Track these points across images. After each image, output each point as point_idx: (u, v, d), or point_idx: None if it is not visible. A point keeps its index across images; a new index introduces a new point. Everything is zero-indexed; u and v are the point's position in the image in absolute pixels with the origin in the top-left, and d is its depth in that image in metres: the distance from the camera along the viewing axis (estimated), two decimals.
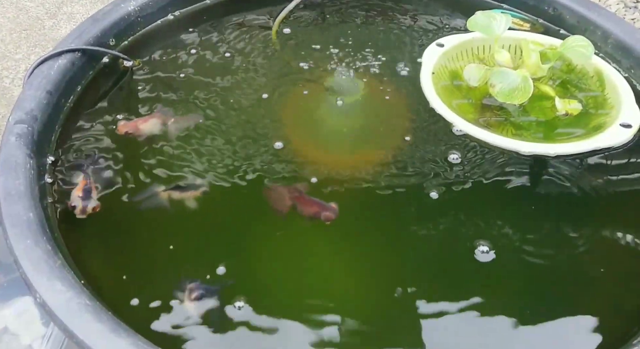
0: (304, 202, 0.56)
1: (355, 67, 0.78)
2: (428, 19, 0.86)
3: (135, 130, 0.66)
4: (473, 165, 0.65)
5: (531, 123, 0.71)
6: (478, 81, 0.74)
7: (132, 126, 0.67)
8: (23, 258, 0.49)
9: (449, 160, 0.66)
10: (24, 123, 0.61)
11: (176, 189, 0.60)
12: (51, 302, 0.47)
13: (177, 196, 0.59)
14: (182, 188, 0.60)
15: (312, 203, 0.56)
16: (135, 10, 0.80)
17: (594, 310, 0.53)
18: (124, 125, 0.67)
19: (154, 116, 0.69)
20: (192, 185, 0.61)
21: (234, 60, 0.79)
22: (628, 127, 0.68)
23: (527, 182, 0.64)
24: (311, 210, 0.55)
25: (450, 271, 0.56)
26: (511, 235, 0.58)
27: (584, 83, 0.75)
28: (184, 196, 0.59)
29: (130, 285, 0.53)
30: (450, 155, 0.66)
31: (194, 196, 0.59)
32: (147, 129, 0.66)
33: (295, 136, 0.69)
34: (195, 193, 0.60)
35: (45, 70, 0.68)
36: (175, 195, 0.59)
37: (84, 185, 0.59)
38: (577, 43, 0.73)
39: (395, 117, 0.72)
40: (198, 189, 0.61)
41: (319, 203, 0.56)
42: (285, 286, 0.54)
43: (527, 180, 0.64)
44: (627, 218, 0.61)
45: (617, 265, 0.57)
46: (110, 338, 0.45)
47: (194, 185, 0.61)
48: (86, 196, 0.58)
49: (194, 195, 0.60)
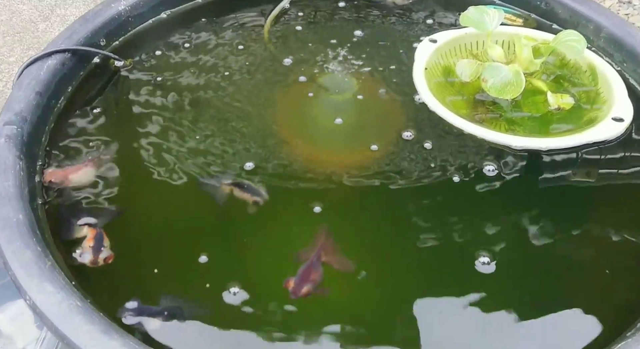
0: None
1: (348, 64, 0.78)
2: (421, 15, 0.86)
3: (64, 180, 0.59)
4: (465, 160, 0.65)
5: (524, 118, 0.71)
6: (470, 76, 0.74)
7: (60, 175, 0.60)
8: (13, 261, 0.49)
9: (441, 155, 0.65)
10: (13, 125, 0.60)
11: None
12: (42, 304, 0.46)
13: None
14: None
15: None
16: (126, 10, 0.80)
17: (587, 303, 0.52)
18: (50, 173, 0.60)
19: (87, 164, 0.62)
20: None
21: (226, 59, 0.79)
22: (620, 120, 0.68)
23: (518, 177, 0.63)
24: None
25: (449, 268, 0.56)
26: (504, 228, 0.58)
27: (577, 78, 0.75)
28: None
29: (123, 286, 0.53)
30: (442, 150, 0.66)
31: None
32: (76, 180, 0.59)
33: (288, 134, 0.69)
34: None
35: (34, 71, 0.67)
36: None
37: (95, 234, 0.55)
38: (570, 37, 0.73)
39: (388, 114, 0.72)
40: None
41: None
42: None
43: (519, 175, 0.64)
44: (620, 211, 0.61)
45: (611, 259, 0.57)
46: (101, 339, 0.44)
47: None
48: (98, 247, 0.54)
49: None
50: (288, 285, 0.51)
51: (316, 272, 0.52)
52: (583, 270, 0.56)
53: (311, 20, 0.86)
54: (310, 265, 0.52)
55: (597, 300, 0.53)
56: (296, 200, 0.61)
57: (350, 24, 0.85)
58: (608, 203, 0.62)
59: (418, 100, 0.72)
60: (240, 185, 0.61)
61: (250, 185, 0.61)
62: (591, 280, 0.55)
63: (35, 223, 0.54)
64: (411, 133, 0.68)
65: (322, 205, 0.60)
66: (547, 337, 0.50)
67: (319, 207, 0.59)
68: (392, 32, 0.83)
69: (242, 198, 0.60)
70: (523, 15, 0.85)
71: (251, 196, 0.60)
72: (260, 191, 0.61)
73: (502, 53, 0.76)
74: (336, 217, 0.59)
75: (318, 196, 0.61)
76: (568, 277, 0.55)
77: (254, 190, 0.61)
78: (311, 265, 0.52)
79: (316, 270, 0.52)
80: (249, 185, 0.61)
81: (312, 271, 0.52)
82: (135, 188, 0.62)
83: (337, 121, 0.71)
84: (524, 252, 0.57)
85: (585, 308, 0.52)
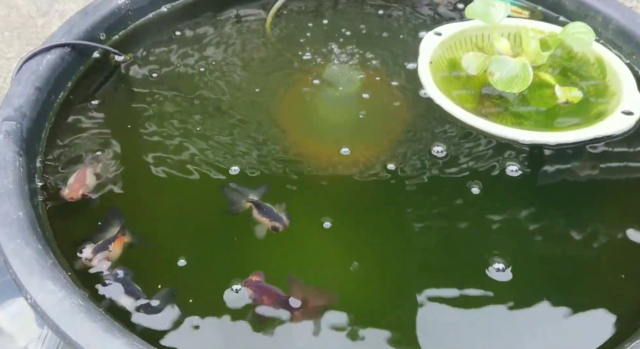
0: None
1: (351, 58, 0.77)
2: (425, 8, 0.85)
3: (83, 189, 0.58)
4: (472, 156, 0.64)
5: (531, 112, 0.70)
6: (477, 69, 0.72)
7: (77, 187, 0.58)
8: (13, 258, 0.48)
9: (448, 150, 0.64)
10: (12, 121, 0.59)
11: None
12: (43, 303, 0.45)
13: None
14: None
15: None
16: (126, 3, 0.78)
17: (598, 301, 0.51)
18: (69, 192, 0.58)
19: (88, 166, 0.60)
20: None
21: (228, 53, 0.77)
22: (630, 114, 0.66)
23: (526, 171, 0.62)
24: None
25: (452, 265, 0.55)
26: (512, 225, 0.57)
27: (585, 71, 0.74)
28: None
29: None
30: (449, 145, 0.65)
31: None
32: (90, 181, 0.58)
33: (292, 129, 0.68)
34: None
35: (34, 66, 0.66)
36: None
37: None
38: (578, 30, 0.71)
39: (393, 108, 0.71)
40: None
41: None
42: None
43: (527, 170, 0.62)
44: (632, 207, 0.60)
45: (620, 254, 0.56)
46: (104, 338, 0.44)
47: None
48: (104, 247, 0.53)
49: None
50: (247, 284, 0.51)
51: (272, 297, 0.50)
52: (593, 268, 0.55)
53: (313, 14, 0.85)
54: (273, 292, 0.50)
55: (608, 299, 0.52)
56: (298, 199, 0.60)
57: (353, 16, 0.84)
58: (618, 197, 0.61)
59: (424, 94, 0.71)
60: (260, 207, 0.56)
61: (270, 209, 0.56)
62: (602, 279, 0.54)
63: (36, 221, 0.53)
64: (417, 129, 0.67)
65: (326, 206, 0.58)
66: (557, 338, 0.49)
67: (327, 219, 0.57)
68: (397, 25, 0.82)
69: (260, 221, 0.55)
70: (530, 8, 0.84)
71: (269, 220, 0.55)
72: (281, 217, 0.55)
73: (508, 46, 0.74)
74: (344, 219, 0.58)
75: (323, 197, 0.60)
76: (578, 276, 0.54)
77: (274, 214, 0.55)
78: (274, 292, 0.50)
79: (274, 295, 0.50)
80: (269, 208, 0.56)
81: (271, 295, 0.50)
82: (134, 185, 0.61)
83: (341, 115, 0.70)
84: (531, 251, 0.56)
85: (598, 306, 0.51)
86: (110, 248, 0.53)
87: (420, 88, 0.71)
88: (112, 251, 0.53)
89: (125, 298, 0.50)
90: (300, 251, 0.55)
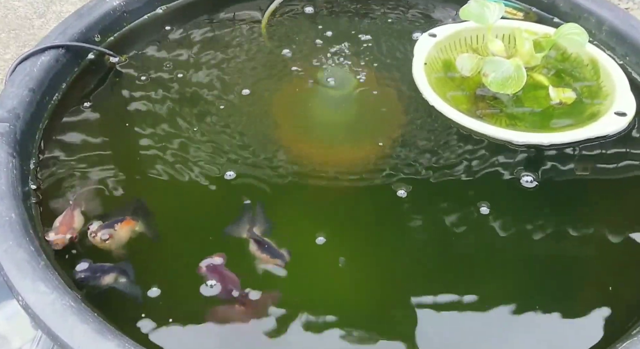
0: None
1: (346, 60, 0.77)
2: (420, 9, 0.85)
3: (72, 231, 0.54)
4: (467, 157, 0.64)
5: (525, 113, 0.70)
6: (471, 71, 0.73)
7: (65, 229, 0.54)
8: (5, 260, 0.48)
9: (444, 152, 0.64)
10: (5, 122, 0.59)
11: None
12: (34, 304, 0.45)
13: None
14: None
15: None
16: (121, 5, 0.78)
17: (591, 301, 0.52)
18: (59, 238, 0.54)
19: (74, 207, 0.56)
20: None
21: (223, 55, 0.77)
22: (623, 115, 0.67)
23: (520, 172, 0.62)
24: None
25: (450, 265, 0.55)
26: (505, 225, 0.57)
27: (579, 72, 0.74)
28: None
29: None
30: (445, 147, 0.65)
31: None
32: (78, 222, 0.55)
33: (286, 131, 0.68)
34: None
35: (28, 67, 0.66)
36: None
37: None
38: (571, 31, 0.71)
39: (388, 110, 0.71)
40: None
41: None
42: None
43: (521, 171, 0.63)
44: (624, 206, 0.60)
45: (613, 254, 0.56)
46: (96, 340, 0.44)
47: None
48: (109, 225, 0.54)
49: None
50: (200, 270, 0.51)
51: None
52: (586, 268, 0.55)
53: (309, 15, 0.85)
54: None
55: (600, 298, 0.52)
56: (295, 202, 0.60)
57: (349, 17, 0.84)
58: (611, 198, 0.62)
59: (418, 96, 0.71)
60: (261, 243, 0.54)
61: (271, 246, 0.53)
62: (595, 278, 0.54)
63: (29, 223, 0.53)
64: (412, 131, 0.67)
65: (323, 209, 0.59)
66: (552, 336, 0.49)
67: (326, 220, 0.57)
68: (392, 26, 0.82)
69: (259, 257, 0.53)
70: (524, 9, 0.84)
71: (271, 258, 0.53)
72: (282, 254, 0.53)
73: (502, 47, 0.74)
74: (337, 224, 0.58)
75: (318, 198, 0.60)
76: (571, 275, 0.54)
77: (275, 251, 0.53)
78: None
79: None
80: (270, 245, 0.54)
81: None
82: (130, 188, 0.61)
83: (336, 117, 0.70)
84: (524, 249, 0.56)
85: (590, 307, 0.51)
86: (116, 227, 0.54)
87: (415, 89, 0.71)
88: (117, 231, 0.54)
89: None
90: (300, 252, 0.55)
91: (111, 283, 0.51)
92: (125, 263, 0.52)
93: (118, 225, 0.55)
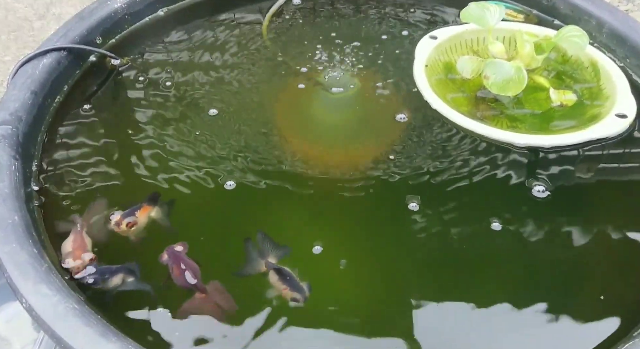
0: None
1: (347, 62, 0.77)
2: (421, 11, 0.85)
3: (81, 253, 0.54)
4: (468, 159, 0.64)
5: (526, 115, 0.70)
6: (471, 73, 0.73)
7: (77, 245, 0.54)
8: (8, 262, 0.48)
9: (446, 155, 0.65)
10: (8, 125, 0.59)
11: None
12: (37, 306, 0.45)
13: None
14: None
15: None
16: (122, 7, 0.79)
17: (593, 302, 0.52)
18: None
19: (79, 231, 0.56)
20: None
21: (224, 57, 0.78)
22: (623, 117, 0.67)
23: (522, 174, 0.63)
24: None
25: (451, 264, 0.55)
26: (507, 227, 0.57)
27: (579, 74, 0.75)
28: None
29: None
30: (446, 149, 0.65)
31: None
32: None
33: (287, 133, 0.68)
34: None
35: (29, 70, 0.66)
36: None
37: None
38: (572, 33, 0.72)
39: (389, 112, 0.71)
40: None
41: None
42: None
43: (523, 173, 0.63)
44: (625, 208, 0.60)
45: (615, 256, 0.56)
46: (99, 342, 0.44)
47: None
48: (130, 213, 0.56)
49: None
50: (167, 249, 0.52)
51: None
52: (587, 269, 0.55)
53: (310, 17, 0.85)
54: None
55: (601, 299, 0.52)
56: (295, 200, 0.60)
57: (349, 20, 0.84)
58: (612, 200, 0.62)
59: (419, 98, 0.71)
60: (282, 273, 0.51)
61: (292, 277, 0.50)
62: (596, 280, 0.54)
63: (32, 225, 0.53)
64: (413, 133, 0.67)
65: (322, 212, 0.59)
66: (552, 338, 0.49)
67: (323, 222, 0.57)
68: (393, 28, 0.82)
69: (279, 288, 0.50)
70: (524, 11, 0.84)
71: (290, 291, 0.50)
72: (303, 287, 0.50)
73: (503, 49, 0.75)
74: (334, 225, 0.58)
75: (318, 202, 0.60)
76: (572, 277, 0.55)
77: (296, 284, 0.50)
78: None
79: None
80: (291, 275, 0.51)
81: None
82: (131, 193, 0.61)
83: (337, 119, 0.70)
84: (525, 250, 0.56)
85: (592, 308, 0.51)
86: (136, 214, 0.56)
87: (416, 91, 0.72)
88: (138, 218, 0.56)
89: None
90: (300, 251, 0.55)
91: (119, 284, 0.52)
92: (130, 263, 0.53)
93: (137, 212, 0.57)
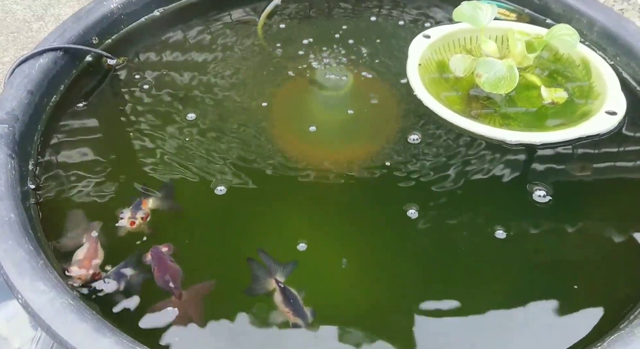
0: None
1: (341, 61, 0.78)
2: (414, 10, 0.86)
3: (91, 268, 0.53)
4: (463, 156, 0.65)
5: (518, 113, 0.71)
6: (464, 71, 0.73)
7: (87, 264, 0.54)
8: (4, 260, 0.48)
9: (440, 153, 0.65)
10: (4, 123, 0.60)
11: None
12: (34, 303, 0.46)
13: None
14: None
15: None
16: (119, 7, 0.79)
17: (581, 298, 0.52)
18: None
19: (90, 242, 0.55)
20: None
21: (220, 57, 0.78)
22: (613, 114, 0.68)
23: (514, 172, 0.63)
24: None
25: (448, 263, 0.56)
26: (501, 224, 0.58)
27: (571, 72, 0.75)
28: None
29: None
30: (440, 147, 0.66)
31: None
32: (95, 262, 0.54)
33: (281, 132, 0.69)
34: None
35: (26, 70, 0.67)
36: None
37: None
38: (563, 31, 0.72)
39: (383, 110, 0.72)
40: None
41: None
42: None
43: (514, 170, 0.63)
44: (614, 204, 0.61)
45: (607, 251, 0.56)
46: (94, 337, 0.44)
47: None
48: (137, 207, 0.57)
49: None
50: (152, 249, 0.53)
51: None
52: (577, 265, 0.56)
53: (305, 16, 0.86)
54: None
55: (595, 292, 0.53)
56: (289, 198, 0.61)
57: (344, 19, 0.85)
58: (602, 196, 0.62)
59: (413, 96, 0.72)
60: (287, 296, 0.50)
61: (297, 302, 0.50)
62: (585, 275, 0.55)
63: (28, 222, 0.54)
64: (407, 131, 0.68)
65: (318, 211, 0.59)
66: (542, 331, 0.50)
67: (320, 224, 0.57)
68: (386, 28, 0.83)
69: (282, 310, 0.50)
70: (517, 10, 0.85)
71: (293, 315, 0.49)
72: (306, 313, 0.49)
73: (495, 48, 0.75)
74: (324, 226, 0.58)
75: (313, 199, 0.60)
76: (561, 272, 0.55)
77: (299, 308, 0.49)
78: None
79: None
80: (296, 298, 0.50)
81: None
82: (128, 191, 0.62)
83: (332, 118, 0.70)
84: (517, 245, 0.57)
85: (579, 302, 0.52)
86: (142, 207, 0.57)
87: (409, 90, 0.72)
88: (144, 209, 0.57)
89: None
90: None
91: (132, 280, 0.52)
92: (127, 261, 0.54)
93: (141, 205, 0.57)
